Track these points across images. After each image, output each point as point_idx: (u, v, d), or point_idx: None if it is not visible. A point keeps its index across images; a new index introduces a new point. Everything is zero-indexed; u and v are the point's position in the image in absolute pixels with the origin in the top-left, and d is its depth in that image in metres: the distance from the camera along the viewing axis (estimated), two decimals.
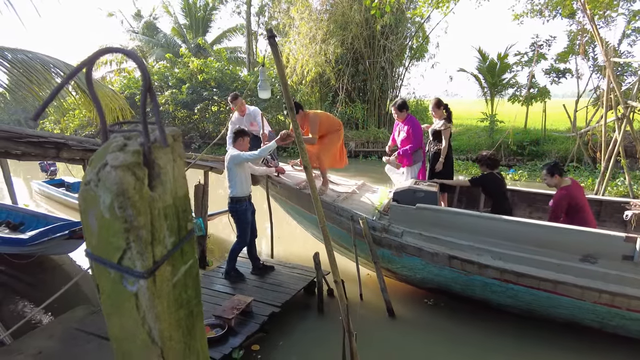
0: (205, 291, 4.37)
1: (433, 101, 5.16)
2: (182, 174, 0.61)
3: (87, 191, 0.53)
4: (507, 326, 3.89)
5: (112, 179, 0.51)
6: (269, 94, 3.53)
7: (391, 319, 4.16)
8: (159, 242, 0.57)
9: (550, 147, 12.69)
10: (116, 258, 0.55)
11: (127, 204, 0.52)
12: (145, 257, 0.55)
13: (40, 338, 3.03)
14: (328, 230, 4.70)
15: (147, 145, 0.53)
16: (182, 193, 0.61)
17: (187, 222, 0.63)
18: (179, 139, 0.60)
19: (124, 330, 0.62)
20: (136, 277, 0.55)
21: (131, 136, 0.55)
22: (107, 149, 0.53)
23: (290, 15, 16.14)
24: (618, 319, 3.33)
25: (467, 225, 3.86)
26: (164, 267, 0.59)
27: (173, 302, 0.62)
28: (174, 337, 0.63)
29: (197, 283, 0.68)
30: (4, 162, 7.07)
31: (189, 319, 0.66)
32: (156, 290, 0.58)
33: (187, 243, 0.64)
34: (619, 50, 12.06)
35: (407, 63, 17.84)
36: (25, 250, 5.16)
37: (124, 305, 0.59)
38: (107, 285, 0.59)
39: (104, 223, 0.54)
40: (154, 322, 0.59)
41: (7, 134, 3.60)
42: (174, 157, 0.59)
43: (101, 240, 0.56)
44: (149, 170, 0.55)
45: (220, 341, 3.42)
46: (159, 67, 19.14)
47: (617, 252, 3.25)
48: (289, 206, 5.31)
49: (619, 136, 7.84)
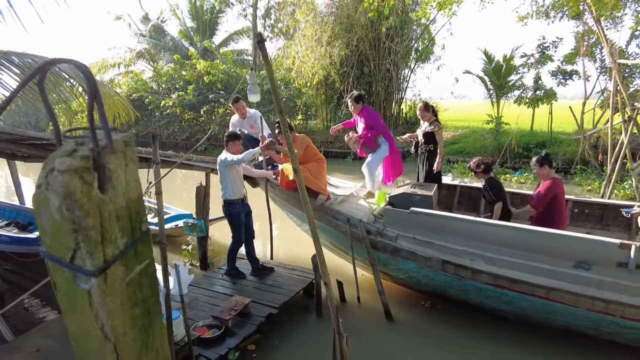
0: (205, 292, 4.42)
1: (421, 105, 5.19)
2: (135, 177, 0.63)
3: (39, 194, 0.57)
4: (504, 331, 3.86)
5: (59, 183, 0.54)
6: (258, 97, 3.59)
7: (388, 322, 4.17)
8: (110, 242, 0.60)
9: (556, 149, 12.57)
10: (68, 257, 0.58)
11: (74, 206, 0.55)
12: (95, 256, 0.58)
13: (39, 336, 3.09)
14: (326, 233, 4.76)
15: (96, 150, 0.56)
16: (135, 195, 0.64)
17: (141, 224, 0.66)
18: (130, 144, 0.63)
19: (80, 327, 0.65)
20: (87, 275, 0.58)
21: (83, 142, 0.58)
22: (56, 154, 0.56)
23: (295, 18, 16.21)
24: (613, 326, 3.29)
25: (460, 230, 3.84)
26: (116, 267, 0.62)
27: (127, 300, 0.65)
28: (129, 334, 0.66)
29: (154, 282, 0.71)
30: (12, 163, 7.20)
31: (145, 316, 0.69)
32: (107, 288, 0.61)
33: (142, 243, 0.67)
34: (627, 51, 11.91)
35: (413, 65, 17.85)
36: (32, 249, 5.27)
37: (78, 302, 0.62)
38: (62, 283, 0.62)
39: (55, 224, 0.57)
40: (106, 319, 0.61)
41: (10, 136, 3.69)
42: (126, 162, 0.62)
43: (54, 240, 0.59)
44: (99, 174, 0.58)
45: (217, 342, 3.45)
46: (167, 69, 19.33)
47: (611, 259, 3.21)
48: (287, 208, 5.35)
49: (625, 139, 7.76)
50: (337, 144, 16.28)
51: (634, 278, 3.15)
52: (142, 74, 21.32)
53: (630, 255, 3.13)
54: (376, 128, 4.95)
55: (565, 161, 12.10)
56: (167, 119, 18.54)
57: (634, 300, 3.12)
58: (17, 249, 5.41)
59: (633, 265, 3.12)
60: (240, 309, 3.79)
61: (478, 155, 13.04)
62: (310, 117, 19.97)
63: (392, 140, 5.07)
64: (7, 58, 4.99)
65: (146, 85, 19.40)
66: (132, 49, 23.83)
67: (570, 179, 11.01)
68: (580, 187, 10.25)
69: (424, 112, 5.11)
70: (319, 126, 19.07)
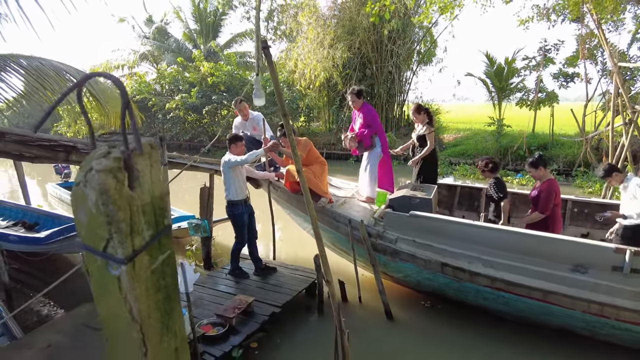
0: (209, 291, 4.50)
1: (413, 107, 5.21)
2: (159, 177, 0.72)
3: (77, 190, 0.65)
4: (503, 331, 3.93)
5: (96, 180, 0.62)
6: (263, 101, 3.67)
7: (389, 321, 4.23)
8: (138, 234, 0.68)
9: (558, 151, 12.62)
10: (101, 247, 0.66)
11: (108, 201, 0.63)
12: (125, 245, 0.66)
13: (49, 332, 3.18)
14: (327, 234, 4.83)
15: (126, 152, 0.64)
16: (159, 193, 0.72)
17: (164, 218, 0.74)
18: (155, 147, 0.71)
19: (110, 310, 0.73)
20: (118, 263, 0.66)
21: (115, 145, 0.66)
22: (93, 156, 0.64)
23: (298, 20, 16.33)
24: (608, 328, 3.36)
25: (459, 233, 3.91)
26: (143, 256, 0.70)
27: (151, 286, 0.73)
28: (153, 317, 0.74)
29: (175, 271, 0.79)
30: (19, 164, 7.32)
31: (166, 302, 0.77)
32: (135, 274, 0.68)
33: (164, 236, 0.75)
34: (628, 54, 11.96)
35: (415, 67, 17.93)
36: (41, 249, 5.37)
37: (109, 287, 0.69)
38: (95, 270, 0.70)
39: (91, 217, 0.65)
40: (134, 302, 0.69)
41: (20, 137, 3.79)
42: (151, 163, 0.70)
43: (89, 232, 0.67)
44: (129, 174, 0.66)
45: (221, 339, 3.53)
46: (171, 71, 19.47)
47: (607, 263, 3.28)
48: (289, 209, 5.43)
49: (626, 141, 7.81)
50: (339, 146, 16.35)
51: (629, 282, 3.21)
52: (146, 75, 21.46)
53: (625, 260, 3.19)
54: (373, 126, 4.96)
55: (566, 163, 12.15)
56: (170, 121, 18.68)
57: (628, 304, 3.19)
58: (25, 249, 5.51)
59: (628, 270, 3.19)
60: (244, 307, 3.87)
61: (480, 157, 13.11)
62: (313, 119, 20.08)
63: (385, 142, 5.11)
64: (16, 61, 5.11)
65: (150, 87, 19.54)
66: (135, 51, 24.03)
67: (572, 181, 11.06)
68: (581, 189, 10.30)
69: (416, 114, 5.14)
70: (322, 128, 19.17)
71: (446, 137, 16.61)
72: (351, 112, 5.31)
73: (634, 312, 3.19)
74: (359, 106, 5.01)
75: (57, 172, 11.24)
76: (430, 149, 5.03)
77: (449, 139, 16.49)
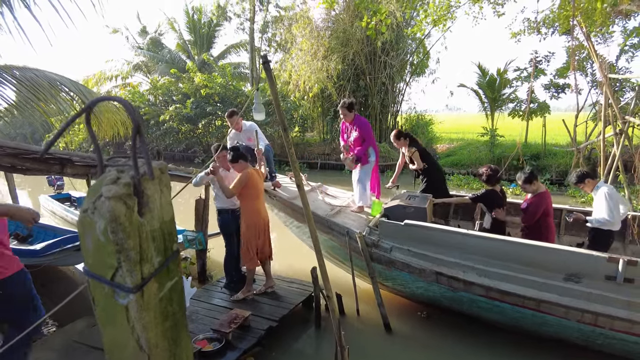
0: (204, 305, 4.43)
1: (393, 134, 5.29)
2: (168, 201, 0.70)
3: (85, 217, 0.63)
4: (504, 342, 3.91)
5: (106, 208, 0.60)
6: (263, 116, 3.67)
7: (388, 334, 4.19)
8: (147, 261, 0.66)
9: (550, 161, 12.76)
10: (109, 275, 0.64)
11: (118, 229, 0.61)
12: (134, 274, 0.64)
13: (40, 350, 3.10)
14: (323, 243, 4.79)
15: (136, 178, 0.63)
16: (168, 218, 0.70)
17: (172, 243, 0.72)
18: (165, 172, 0.69)
19: (116, 339, 0.70)
20: (126, 292, 0.64)
21: (124, 169, 0.64)
22: (102, 181, 0.62)
23: (292, 32, 16.45)
24: (603, 338, 3.35)
25: (453, 243, 3.91)
26: (151, 283, 0.67)
27: (159, 314, 0.70)
28: (161, 346, 0.71)
29: (182, 297, 0.77)
30: (9, 176, 7.21)
31: (174, 329, 0.75)
32: (144, 303, 0.66)
33: (172, 262, 0.73)
34: (617, 66, 12.20)
35: (408, 78, 18.11)
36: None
37: (116, 316, 0.67)
38: (101, 298, 0.68)
39: (99, 245, 0.63)
40: (142, 332, 0.67)
41: (15, 150, 3.73)
42: (161, 188, 0.68)
43: (96, 260, 0.65)
44: (139, 199, 0.64)
45: (217, 355, 3.46)
46: (164, 82, 19.44)
47: (600, 272, 3.28)
48: (286, 219, 5.40)
49: (617, 151, 7.91)
50: (334, 156, 16.40)
51: (622, 291, 3.22)
52: (139, 86, 21.41)
53: (619, 269, 3.20)
54: (368, 139, 4.96)
55: (559, 173, 12.26)
56: (163, 131, 18.60)
57: (622, 313, 3.18)
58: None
59: (621, 279, 3.19)
60: (240, 322, 3.80)
61: (474, 167, 13.22)
62: (307, 129, 20.13)
63: (377, 150, 5.14)
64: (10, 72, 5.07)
65: (143, 98, 19.49)
66: (129, 61, 23.98)
67: (565, 191, 11.15)
68: (574, 199, 10.39)
69: (397, 140, 5.24)
70: (316, 138, 19.22)
71: (439, 147, 16.71)
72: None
73: (628, 322, 3.18)
74: (350, 119, 4.98)
75: (50, 184, 11.08)
76: (419, 167, 5.12)
77: (442, 149, 16.60)
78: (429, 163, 5.26)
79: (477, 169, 4.74)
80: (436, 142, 17.14)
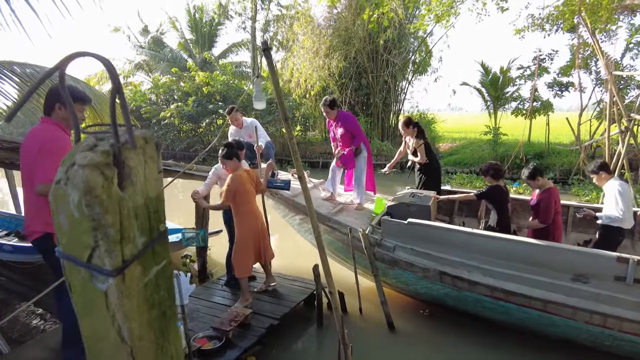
0: (205, 303, 4.36)
1: (402, 120, 5.20)
2: (154, 176, 0.62)
3: (57, 190, 0.55)
4: (509, 342, 3.82)
5: (80, 178, 0.52)
6: (264, 105, 3.57)
7: (391, 333, 4.11)
8: (129, 241, 0.59)
9: (554, 160, 12.65)
10: (85, 256, 0.56)
11: (94, 202, 0.53)
12: (114, 255, 0.56)
13: (35, 348, 3.03)
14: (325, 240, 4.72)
15: (116, 146, 0.55)
16: (154, 194, 0.63)
17: (159, 223, 0.64)
18: (150, 142, 0.61)
19: (95, 329, 0.62)
20: (105, 275, 0.56)
21: (103, 137, 0.57)
22: (77, 149, 0.55)
23: (294, 30, 16.38)
24: (611, 339, 3.26)
25: (458, 242, 3.83)
26: (134, 267, 0.60)
27: (144, 302, 0.63)
28: (145, 337, 0.64)
29: (171, 285, 0.69)
30: (10, 173, 7.16)
31: (161, 320, 0.67)
32: (125, 289, 0.58)
33: (159, 244, 0.65)
34: (622, 63, 12.09)
35: (410, 77, 18.00)
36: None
37: (95, 303, 0.59)
38: (78, 284, 0.60)
39: (74, 221, 0.55)
40: (123, 321, 0.59)
41: (11, 144, 3.67)
42: (145, 159, 0.61)
43: (71, 239, 0.57)
44: (119, 170, 0.56)
45: (217, 353, 3.39)
46: (165, 81, 19.40)
47: (609, 273, 3.19)
48: (288, 217, 5.32)
49: (622, 149, 7.81)
50: None
51: (632, 292, 3.12)
52: (141, 85, 21.37)
53: (628, 270, 3.10)
54: (357, 136, 4.89)
55: (563, 172, 12.16)
56: (164, 130, 18.55)
57: (631, 315, 3.09)
58: (22, 259, 5.39)
59: (631, 280, 3.10)
60: (240, 320, 3.74)
61: (477, 166, 13.12)
62: (309, 128, 20.04)
63: (368, 144, 5.10)
64: (10, 68, 5.01)
65: (145, 97, 19.44)
66: (130, 60, 23.96)
67: (568, 189, 11.05)
68: (578, 198, 10.28)
69: (405, 127, 5.14)
70: (318, 137, 19.13)
71: (442, 146, 16.61)
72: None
73: (638, 324, 3.09)
74: (334, 117, 4.95)
75: None
76: (422, 161, 5.02)
77: (445, 148, 16.50)
78: (430, 159, 5.19)
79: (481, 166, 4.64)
80: (439, 141, 17.03)
